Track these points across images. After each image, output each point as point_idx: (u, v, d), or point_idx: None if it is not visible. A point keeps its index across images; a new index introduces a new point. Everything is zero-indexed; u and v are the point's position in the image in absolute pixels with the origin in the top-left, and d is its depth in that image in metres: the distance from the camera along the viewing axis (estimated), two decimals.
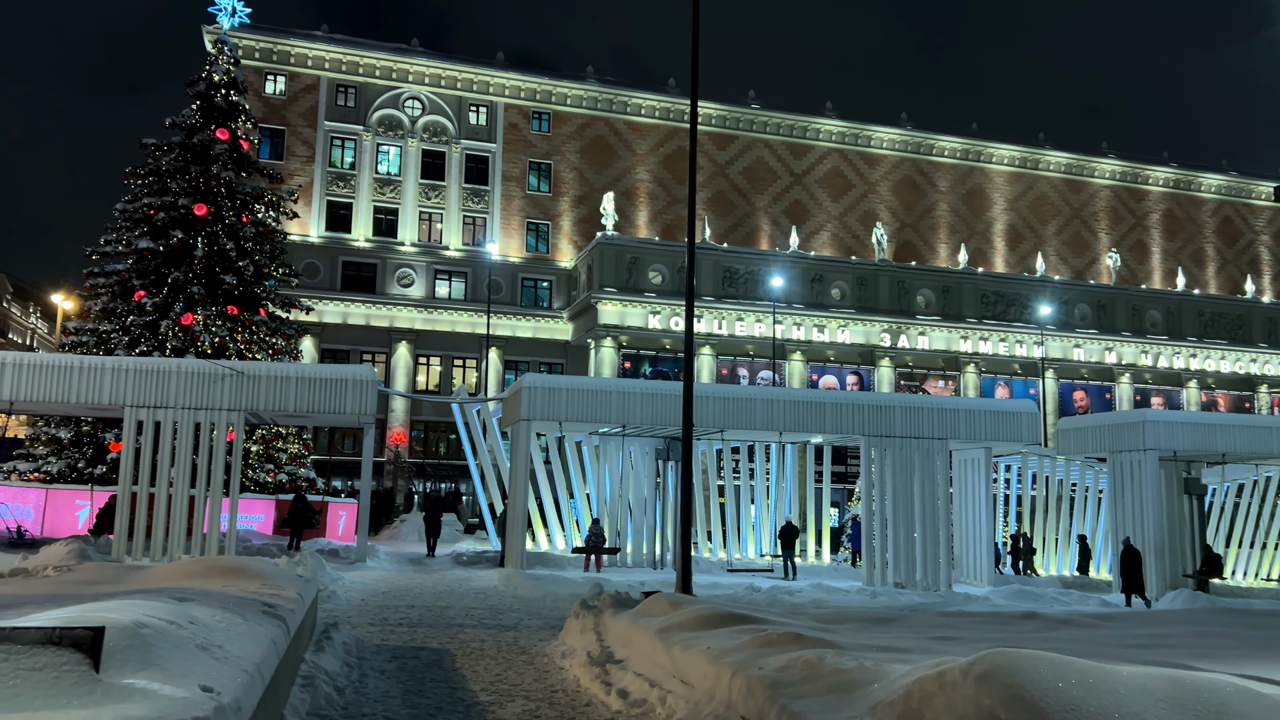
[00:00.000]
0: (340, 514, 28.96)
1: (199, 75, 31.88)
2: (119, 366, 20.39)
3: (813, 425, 23.50)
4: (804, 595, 19.46)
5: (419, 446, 53.44)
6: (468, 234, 55.42)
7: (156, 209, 29.48)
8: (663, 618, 10.26)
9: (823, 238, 61.20)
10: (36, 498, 25.62)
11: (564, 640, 11.86)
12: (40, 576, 9.93)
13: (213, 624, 5.76)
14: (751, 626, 9.40)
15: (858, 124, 62.92)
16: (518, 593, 18.37)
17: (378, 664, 10.30)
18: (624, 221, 55.80)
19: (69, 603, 6.95)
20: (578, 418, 22.73)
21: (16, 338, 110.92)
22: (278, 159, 51.58)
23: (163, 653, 4.51)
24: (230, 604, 6.90)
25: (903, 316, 55.63)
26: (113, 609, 5.13)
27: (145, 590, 7.42)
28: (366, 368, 23.02)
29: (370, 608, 15.44)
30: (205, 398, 20.66)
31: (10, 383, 19.82)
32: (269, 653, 5.84)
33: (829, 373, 55.20)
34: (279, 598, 8.12)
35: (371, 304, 52.59)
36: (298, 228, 50.27)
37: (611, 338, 51.05)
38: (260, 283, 30.89)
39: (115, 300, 29.41)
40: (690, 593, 14.48)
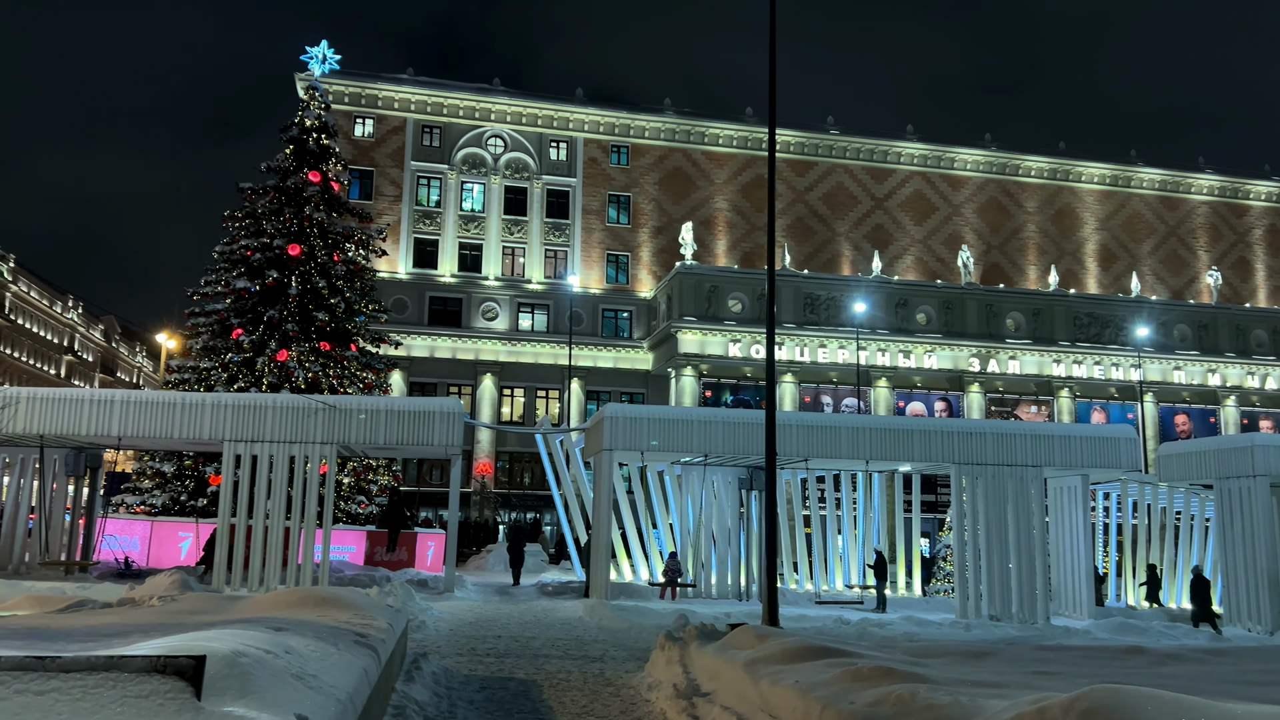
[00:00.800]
0: (429, 544, 29.42)
1: (292, 121, 33.16)
2: (218, 402, 21.17)
3: (900, 454, 23.03)
4: (895, 628, 19.00)
5: (504, 477, 54.06)
6: (549, 267, 56.20)
7: (253, 250, 30.66)
8: (750, 651, 10.13)
9: (906, 262, 60.30)
10: (142, 530, 26.67)
11: (650, 672, 11.79)
12: (146, 606, 10.31)
13: (307, 653, 5.89)
14: (841, 660, 9.21)
15: (940, 146, 62.03)
16: (603, 624, 18.36)
17: (466, 694, 10.39)
18: (703, 251, 55.91)
19: (172, 632, 7.20)
20: (660, 447, 22.72)
21: (124, 376, 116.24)
22: (367, 199, 53.24)
23: (260, 681, 4.63)
24: (324, 634, 7.05)
25: (992, 340, 54.33)
26: (213, 638, 5.29)
27: (243, 620, 7.63)
28: (453, 400, 23.43)
29: (459, 638, 15.60)
30: (299, 432, 21.28)
31: (119, 419, 20.76)
32: (361, 682, 5.94)
33: (916, 399, 54.14)
34: (370, 628, 8.27)
35: (457, 337, 53.62)
36: (386, 265, 51.66)
37: (692, 367, 51.02)
38: (351, 319, 31.78)
39: (215, 338, 30.61)
40: (777, 625, 14.26)
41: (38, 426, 20.50)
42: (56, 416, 20.58)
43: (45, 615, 9.22)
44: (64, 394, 20.92)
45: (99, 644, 6.64)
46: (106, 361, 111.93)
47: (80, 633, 7.43)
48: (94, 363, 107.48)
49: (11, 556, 22.28)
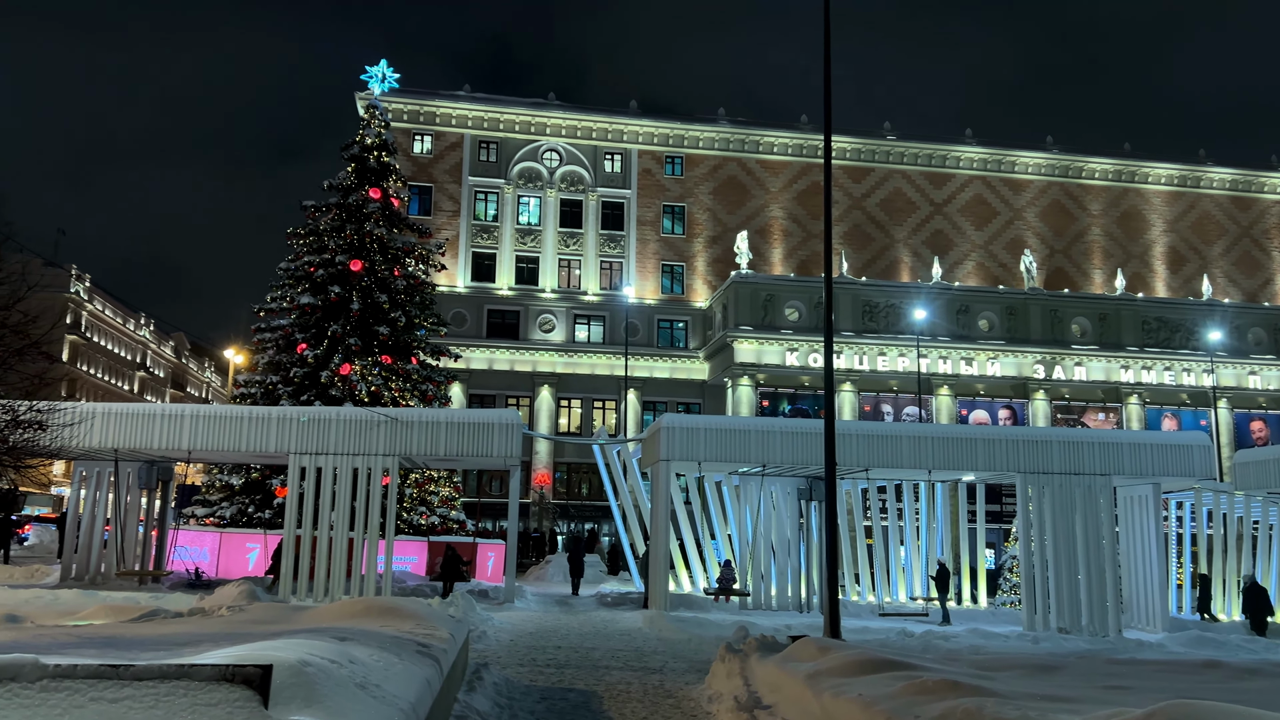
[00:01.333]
0: (489, 555, 29.65)
1: (353, 139, 33.83)
2: (284, 416, 21.64)
3: (963, 462, 22.62)
4: (960, 641, 18.63)
5: (562, 488, 54.31)
6: (605, 278, 56.45)
7: (316, 266, 31.29)
8: (811, 663, 10.01)
9: (967, 267, 59.36)
10: (211, 541, 27.31)
11: (710, 684, 11.72)
12: (215, 616, 10.55)
13: (371, 663, 5.97)
14: (905, 673, 9.06)
15: (1000, 150, 61.02)
16: (662, 635, 18.31)
17: (527, 705, 10.43)
18: (758, 259, 55.68)
19: (240, 641, 7.34)
20: (717, 457, 22.63)
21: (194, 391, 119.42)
22: (426, 214, 54.06)
23: (325, 690, 4.69)
24: (387, 643, 7.14)
25: (1057, 346, 53.17)
26: (279, 647, 5.39)
27: (309, 630, 7.76)
28: (511, 412, 23.62)
29: (519, 648, 15.68)
30: (362, 444, 21.64)
31: (189, 433, 21.33)
32: (423, 692, 5.99)
33: (979, 407, 53.19)
34: (433, 638, 8.35)
35: (515, 349, 54.09)
36: (445, 279, 52.35)
37: (748, 376, 50.76)
38: (411, 332, 32.25)
39: (280, 353, 31.29)
40: (839, 637, 14.08)
41: (113, 441, 21.15)
42: (130, 431, 21.22)
43: (120, 624, 9.48)
44: (137, 409, 21.57)
45: (171, 652, 6.81)
46: (177, 377, 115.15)
47: (153, 641, 7.63)
48: (165, 378, 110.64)
49: (89, 567, 22.98)
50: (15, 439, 8.45)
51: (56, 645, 7.28)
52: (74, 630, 8.62)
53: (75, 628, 9.16)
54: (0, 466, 8.39)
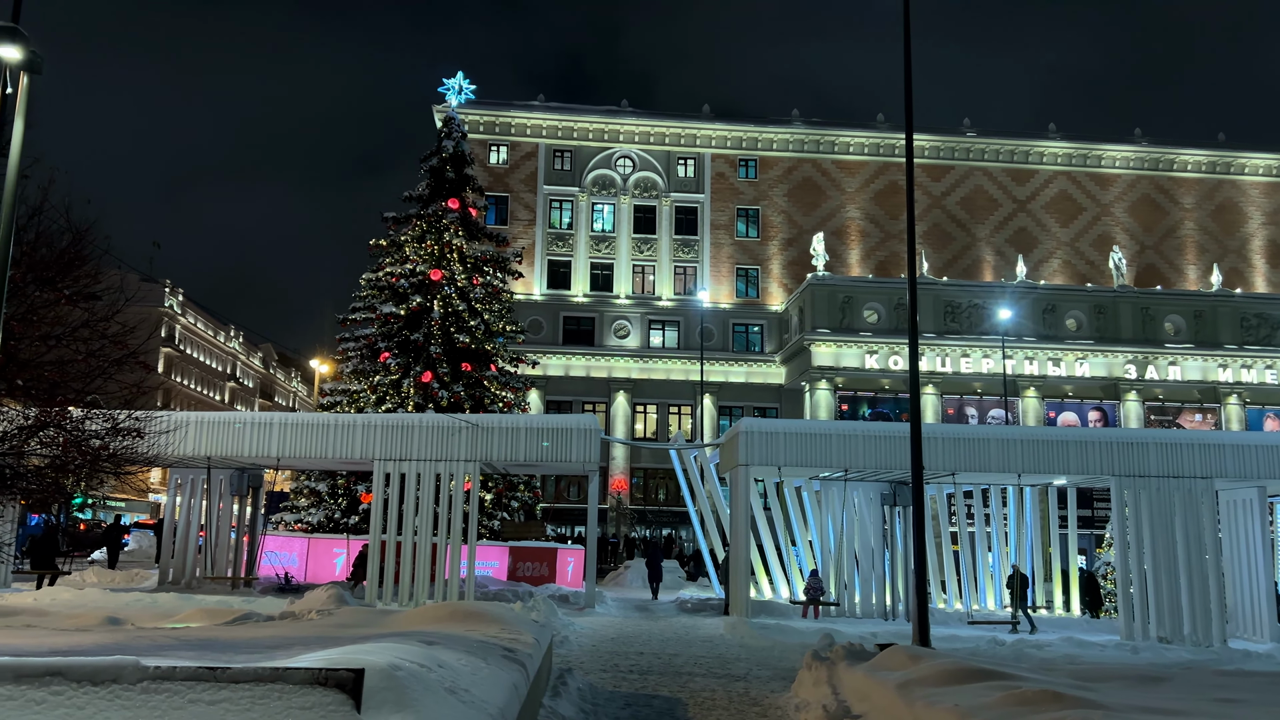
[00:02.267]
0: (568, 560, 29.75)
1: (430, 151, 34.42)
2: (368, 423, 22.04)
3: (1054, 466, 21.88)
4: (1054, 650, 17.99)
5: (639, 493, 54.36)
6: (679, 283, 56.38)
7: (397, 276, 31.89)
8: (902, 672, 9.74)
9: (1053, 265, 57.70)
10: (300, 546, 27.97)
11: (796, 692, 11.50)
12: (305, 619, 10.73)
13: (459, 667, 5.95)
14: (1001, 683, 8.73)
15: (1085, 144, 59.19)
16: (744, 642, 18.09)
17: (611, 711, 10.36)
18: (835, 261, 54.96)
19: (330, 644, 7.42)
20: (797, 462, 22.30)
21: (281, 400, 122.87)
22: (502, 224, 54.71)
23: (415, 695, 4.68)
24: (473, 648, 7.14)
25: (1149, 345, 51.28)
26: (369, 651, 5.40)
27: (396, 634, 7.81)
28: (589, 417, 23.67)
29: (601, 654, 15.65)
30: (444, 450, 21.91)
31: (278, 441, 21.88)
32: (511, 697, 5.96)
33: (1068, 409, 51.60)
34: (518, 642, 8.34)
35: (590, 356, 54.37)
36: (522, 287, 52.89)
37: (827, 380, 50.10)
38: (490, 340, 32.62)
39: (364, 361, 31.96)
40: (929, 645, 13.71)
41: (205, 449, 21.81)
42: (221, 439, 21.86)
43: (215, 628, 9.70)
44: (228, 418, 22.21)
45: (264, 655, 6.90)
46: (265, 387, 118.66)
47: (246, 644, 7.76)
48: (254, 389, 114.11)
49: (184, 571, 23.72)
50: (115, 446, 8.71)
51: (156, 647, 7.46)
52: (172, 633, 8.84)
53: (173, 630, 9.40)
54: (101, 473, 8.64)
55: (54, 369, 7.84)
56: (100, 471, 8.66)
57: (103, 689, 4.18)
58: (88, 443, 8.27)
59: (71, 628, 9.62)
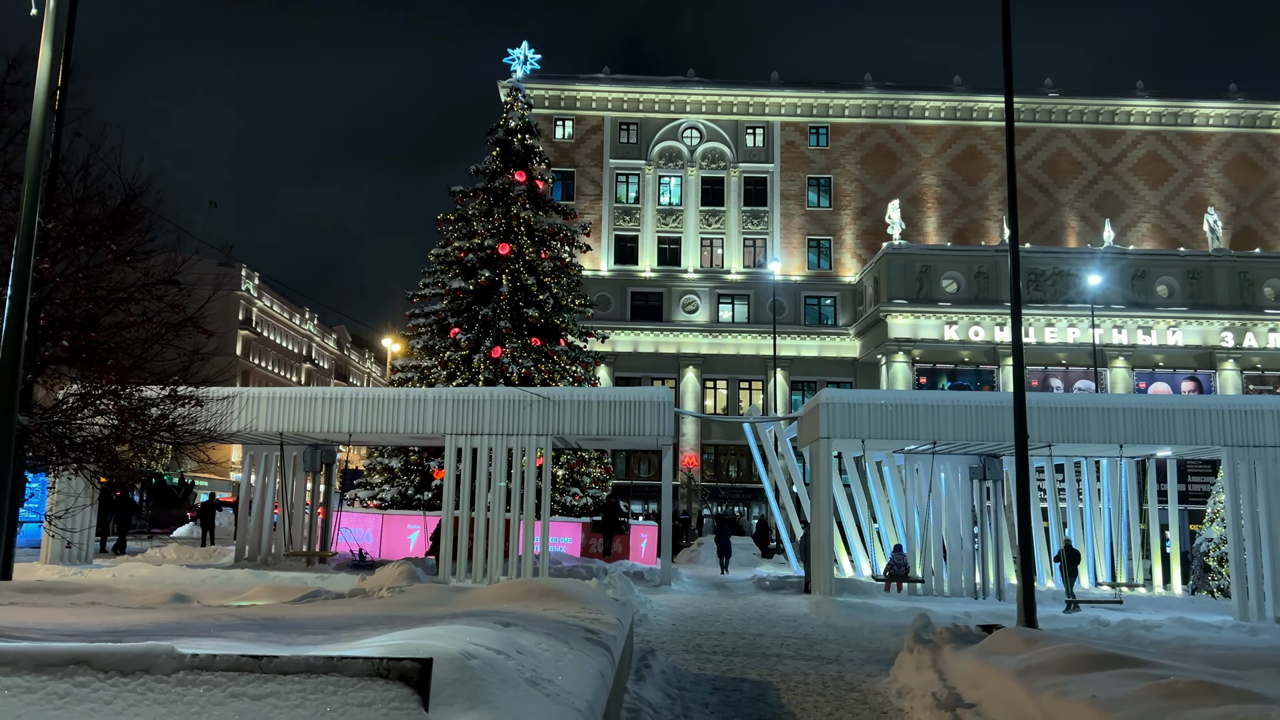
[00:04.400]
0: (642, 536, 29.20)
1: (497, 123, 33.90)
2: (439, 397, 21.67)
3: (1160, 436, 20.51)
4: (1164, 631, 16.78)
5: (710, 470, 53.61)
6: (748, 256, 55.24)
7: (466, 251, 31.51)
8: (1019, 656, 8.85)
9: (1141, 230, 55.08)
10: (374, 523, 27.88)
11: (896, 677, 10.68)
12: (375, 597, 10.26)
13: (539, 653, 5.29)
14: (1138, 671, 7.81)
15: (1176, 101, 56.24)
16: (830, 621, 17.26)
17: (699, 696, 9.68)
18: (911, 230, 53.19)
19: (399, 625, 6.84)
20: (882, 434, 21.30)
21: (355, 380, 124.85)
22: (569, 199, 54.12)
23: (492, 688, 4.02)
24: (554, 630, 6.49)
25: (1247, 312, 48.64)
26: (440, 635, 4.76)
27: (471, 613, 7.21)
28: (662, 389, 22.98)
29: (681, 633, 14.99)
30: (515, 424, 21.45)
31: (350, 416, 21.64)
32: (599, 687, 5.28)
33: (1159, 379, 49.27)
34: (600, 623, 7.69)
35: (659, 331, 53.65)
36: (589, 263, 52.31)
37: (904, 352, 48.57)
38: (559, 314, 32.10)
39: (434, 338, 31.71)
40: (1035, 626, 12.74)
41: (277, 424, 21.68)
42: (293, 415, 21.69)
43: (281, 605, 9.26)
44: (299, 393, 22.05)
45: (328, 637, 6.34)
46: (340, 368, 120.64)
47: (311, 624, 7.24)
48: (329, 370, 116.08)
49: (260, 548, 23.74)
50: (175, 416, 8.24)
51: (217, 627, 6.98)
52: (237, 611, 8.40)
53: (238, 608, 8.98)
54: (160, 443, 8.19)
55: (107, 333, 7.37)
56: (159, 442, 8.21)
57: (133, 680, 3.60)
58: (145, 412, 7.81)
59: (136, 605, 9.27)
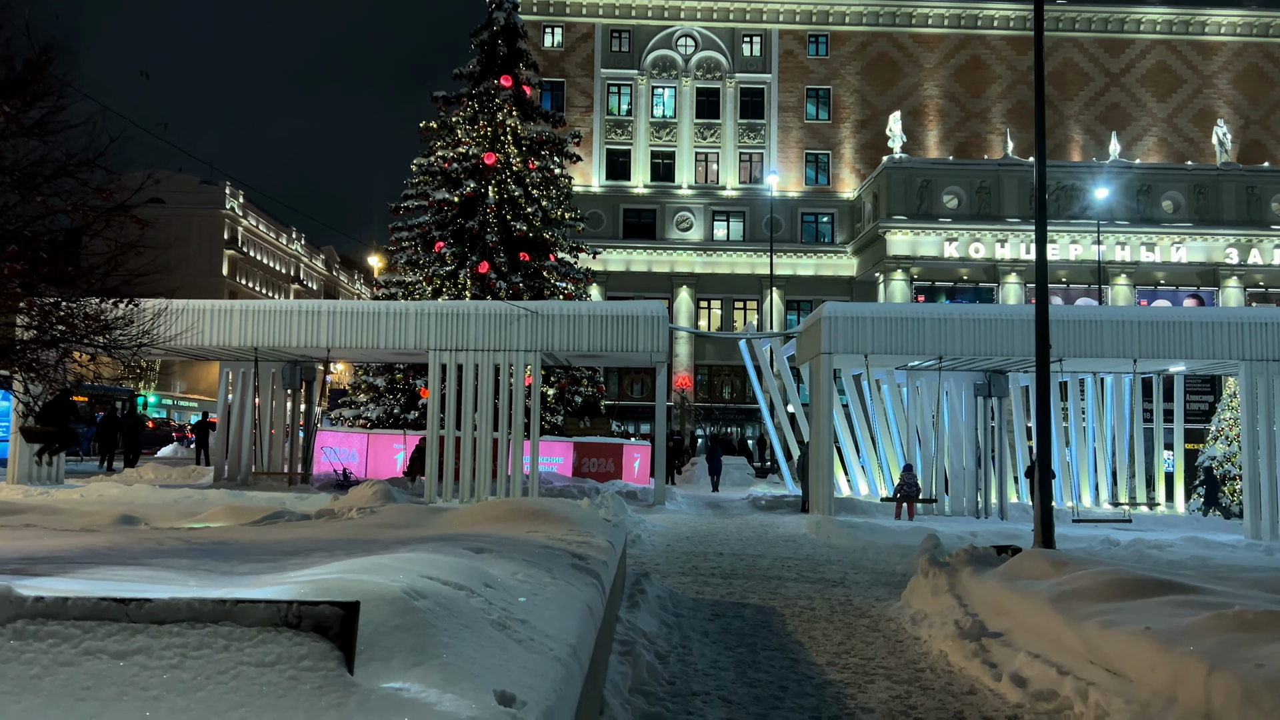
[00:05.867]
0: (635, 456, 28.52)
1: (480, 25, 32.14)
2: (421, 311, 20.63)
3: (1175, 350, 19.65)
4: (1176, 551, 16.17)
5: (703, 391, 52.96)
6: (744, 172, 53.69)
7: (450, 160, 30.10)
8: (1050, 581, 8.06)
9: (1147, 144, 53.57)
10: (360, 442, 27.11)
11: (909, 602, 9.93)
12: (344, 519, 9.43)
13: (514, 586, 4.40)
14: (1190, 598, 7.02)
15: (1188, 9, 54.16)
16: (832, 542, 16.60)
17: (698, 623, 8.92)
18: (911, 144, 51.55)
19: (360, 551, 5.96)
20: (886, 349, 20.39)
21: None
22: (559, 110, 52.22)
23: (446, 636, 3.11)
24: (535, 555, 5.61)
25: (1253, 228, 47.56)
26: (387, 567, 3.85)
27: (441, 538, 6.33)
28: (655, 303, 21.96)
29: (677, 554, 14.28)
30: (503, 339, 20.48)
31: (328, 330, 20.60)
32: (585, 625, 4.40)
33: (1161, 297, 48.39)
34: (589, 547, 6.83)
35: (652, 250, 52.41)
36: (580, 178, 50.79)
37: (902, 270, 47.49)
38: (549, 229, 30.86)
39: (418, 252, 30.50)
40: (1052, 547, 12.01)
41: (251, 339, 20.65)
42: (268, 329, 20.64)
43: (236, 528, 8.40)
44: (274, 305, 20.95)
45: (273, 565, 5.46)
46: (329, 289, 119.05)
47: (260, 549, 6.35)
48: (318, 291, 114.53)
49: (240, 468, 22.95)
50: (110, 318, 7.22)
51: (149, 553, 6.09)
52: (184, 534, 7.52)
53: (190, 531, 8.11)
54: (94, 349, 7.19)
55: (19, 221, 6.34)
56: (92, 347, 7.20)
57: None
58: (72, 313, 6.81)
59: (77, 528, 8.40)
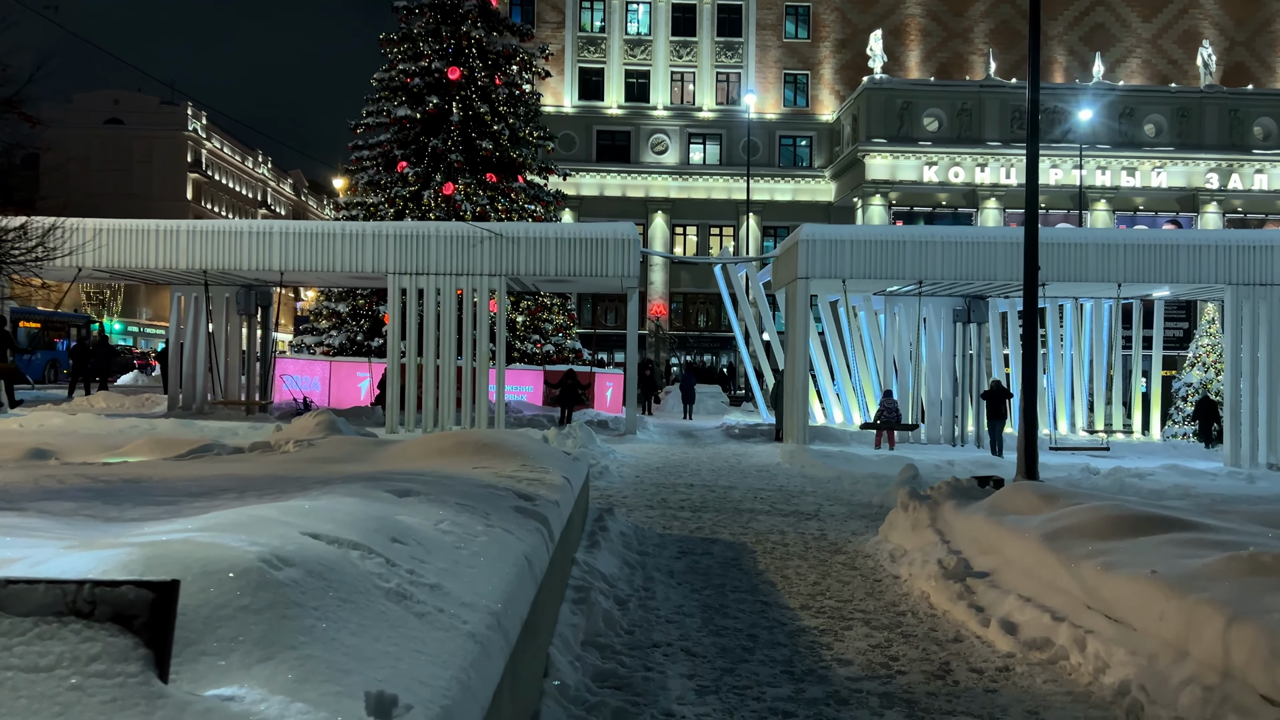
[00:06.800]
0: (607, 385, 27.91)
1: None
2: (379, 232, 19.63)
3: (1161, 274, 19.10)
4: (1158, 479, 15.81)
5: (679, 320, 52.28)
6: (721, 92, 52.19)
7: (412, 75, 28.69)
8: (1041, 517, 7.51)
9: (1131, 65, 52.44)
10: (322, 370, 26.25)
11: (888, 537, 9.41)
12: (280, 452, 8.71)
13: (434, 539, 3.70)
14: (1193, 536, 6.47)
15: None
16: (806, 472, 16.10)
17: (663, 562, 8.34)
18: (892, 64, 50.17)
19: (277, 491, 5.27)
20: (865, 274, 19.69)
21: None
22: (528, 25, 50.26)
23: (313, 617, 2.40)
24: (472, 497, 4.92)
25: (1235, 152, 46.93)
26: (268, 520, 3.13)
27: (369, 477, 5.62)
28: (627, 225, 21.09)
29: (645, 486, 13.72)
30: (466, 263, 19.59)
31: (280, 252, 19.59)
32: (519, 584, 3.73)
33: (1140, 223, 47.88)
34: (540, 485, 6.15)
35: (626, 173, 51.13)
36: (552, 98, 49.18)
37: (880, 195, 46.59)
38: (517, 148, 29.66)
39: (380, 172, 29.25)
40: (1036, 478, 11.52)
41: (199, 262, 19.61)
42: (217, 251, 19.58)
43: (155, 464, 7.65)
44: (223, 225, 19.84)
45: (168, 510, 4.75)
46: (297, 214, 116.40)
47: (166, 489, 5.63)
48: (286, 215, 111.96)
49: (195, 396, 22.10)
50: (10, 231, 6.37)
51: (36, 494, 5.36)
52: (93, 470, 6.78)
53: (103, 466, 7.36)
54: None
55: None
56: None
57: None
58: None
59: None
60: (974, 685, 5.25)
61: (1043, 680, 5.34)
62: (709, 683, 5.13)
